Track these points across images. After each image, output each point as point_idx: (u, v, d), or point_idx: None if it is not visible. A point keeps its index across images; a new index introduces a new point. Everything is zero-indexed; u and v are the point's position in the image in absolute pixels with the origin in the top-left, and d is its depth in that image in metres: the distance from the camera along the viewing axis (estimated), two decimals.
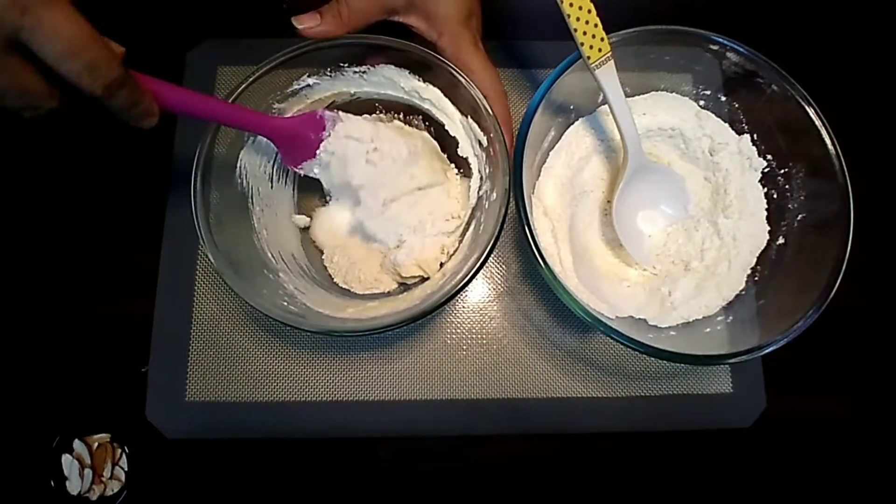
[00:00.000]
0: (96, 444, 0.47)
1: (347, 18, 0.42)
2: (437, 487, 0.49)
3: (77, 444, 0.47)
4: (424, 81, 0.44)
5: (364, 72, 0.45)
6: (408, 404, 0.48)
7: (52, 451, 0.46)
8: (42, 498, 0.46)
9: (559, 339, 0.50)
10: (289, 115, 0.46)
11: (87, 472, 0.46)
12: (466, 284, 0.39)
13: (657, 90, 0.49)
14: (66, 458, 0.46)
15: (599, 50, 0.41)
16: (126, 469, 0.47)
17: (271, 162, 0.47)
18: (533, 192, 0.47)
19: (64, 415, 0.48)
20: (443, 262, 0.47)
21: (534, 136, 0.43)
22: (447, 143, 0.49)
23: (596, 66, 0.41)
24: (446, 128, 0.46)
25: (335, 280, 0.48)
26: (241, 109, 0.40)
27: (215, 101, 0.38)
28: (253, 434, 0.48)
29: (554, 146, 0.49)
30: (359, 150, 0.44)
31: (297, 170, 0.45)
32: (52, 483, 0.46)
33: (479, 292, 0.51)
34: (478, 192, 0.46)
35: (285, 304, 0.42)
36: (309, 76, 0.45)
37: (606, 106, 0.44)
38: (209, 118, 0.39)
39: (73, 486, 0.46)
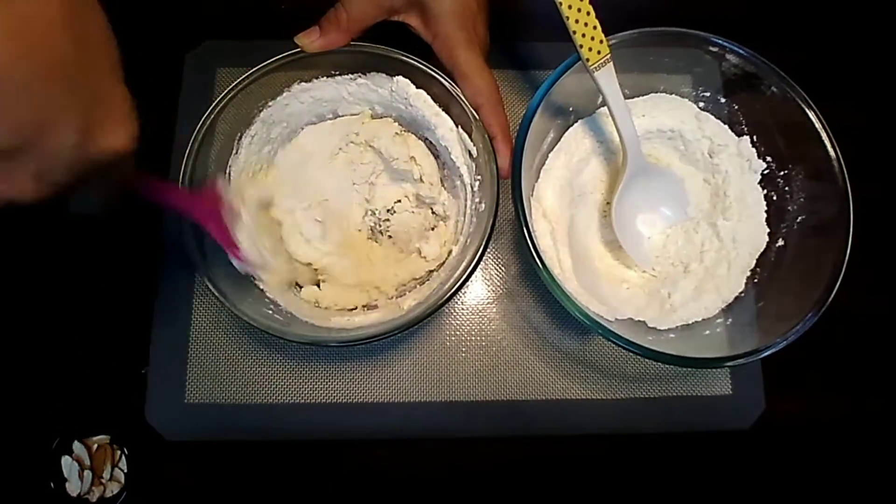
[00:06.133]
0: (96, 446, 0.47)
1: (347, 25, 0.41)
2: (436, 489, 0.49)
3: (76, 446, 0.47)
4: (417, 88, 0.44)
5: (354, 78, 0.45)
6: (407, 406, 0.48)
7: (51, 452, 0.46)
8: (42, 499, 0.46)
9: (558, 341, 0.50)
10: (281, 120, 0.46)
11: (87, 473, 0.46)
12: (453, 296, 0.40)
13: (656, 92, 0.49)
14: (65, 460, 0.46)
15: (598, 52, 0.41)
16: (125, 470, 0.47)
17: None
18: (532, 194, 0.47)
19: (63, 416, 0.48)
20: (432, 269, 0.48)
21: (533, 137, 0.43)
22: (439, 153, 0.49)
23: (595, 67, 0.41)
24: (438, 137, 0.46)
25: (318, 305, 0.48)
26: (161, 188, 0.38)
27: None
28: (252, 436, 0.48)
29: (553, 148, 0.49)
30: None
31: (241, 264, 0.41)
32: (52, 485, 0.46)
33: (479, 294, 0.51)
34: (466, 202, 0.46)
35: (270, 311, 0.42)
36: (300, 82, 0.45)
37: (606, 108, 0.44)
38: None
39: (73, 488, 0.46)
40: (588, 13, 0.39)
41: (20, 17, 0.22)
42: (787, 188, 0.46)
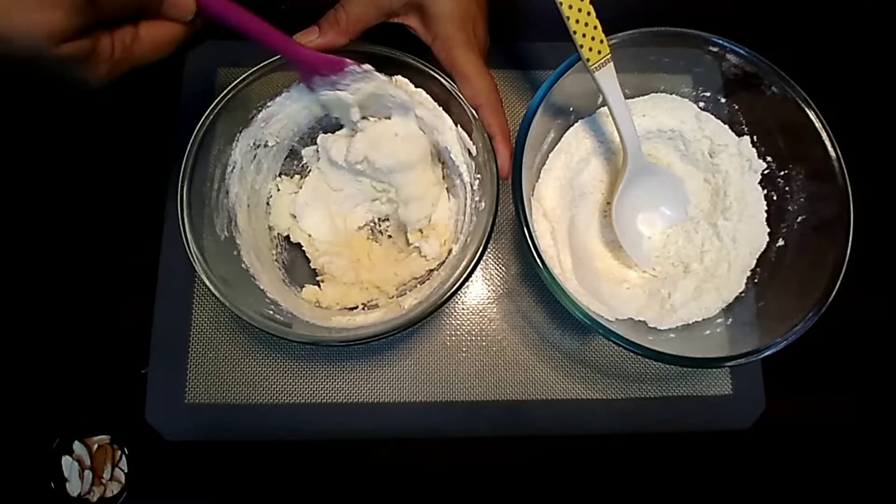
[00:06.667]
0: (96, 446, 0.47)
1: (346, 26, 0.41)
2: (436, 489, 0.49)
3: (77, 446, 0.47)
4: (416, 87, 0.44)
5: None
6: (407, 406, 0.48)
7: (52, 452, 0.46)
8: (42, 499, 0.46)
9: (559, 341, 0.50)
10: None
11: (87, 473, 0.46)
12: (453, 295, 0.40)
13: (657, 92, 0.49)
14: (65, 460, 0.46)
15: (599, 52, 0.41)
16: (126, 470, 0.47)
17: (258, 175, 0.48)
18: (532, 194, 0.47)
19: (64, 416, 0.48)
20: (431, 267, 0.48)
21: (533, 137, 0.43)
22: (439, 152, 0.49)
23: (595, 67, 0.41)
24: (437, 136, 0.46)
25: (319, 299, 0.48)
26: (273, 31, 0.39)
27: (250, 16, 0.37)
28: (252, 436, 0.48)
29: (553, 148, 0.49)
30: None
31: (312, 87, 0.44)
32: (52, 485, 0.46)
33: (479, 294, 0.51)
34: (466, 201, 0.46)
35: (270, 311, 0.42)
36: (300, 81, 0.44)
37: (606, 108, 0.44)
38: (241, 29, 0.37)
39: (73, 488, 0.46)
40: (588, 13, 0.39)
41: None
42: (787, 188, 0.46)
